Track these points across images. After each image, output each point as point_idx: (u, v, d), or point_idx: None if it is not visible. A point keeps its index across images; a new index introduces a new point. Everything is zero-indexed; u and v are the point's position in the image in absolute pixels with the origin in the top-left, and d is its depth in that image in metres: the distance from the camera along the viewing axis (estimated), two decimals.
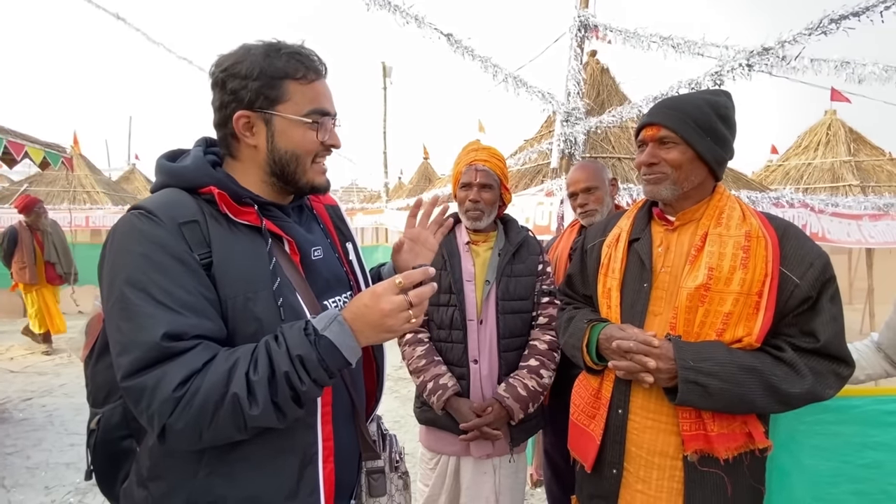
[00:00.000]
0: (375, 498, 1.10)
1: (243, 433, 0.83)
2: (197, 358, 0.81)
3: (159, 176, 0.97)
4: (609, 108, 3.93)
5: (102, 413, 0.98)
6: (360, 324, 0.86)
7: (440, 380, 1.68)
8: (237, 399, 0.79)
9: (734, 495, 1.18)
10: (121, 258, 0.84)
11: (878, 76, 2.96)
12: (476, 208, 1.75)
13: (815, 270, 1.14)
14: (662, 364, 1.15)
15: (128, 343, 0.80)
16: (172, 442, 0.82)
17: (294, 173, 0.98)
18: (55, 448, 3.43)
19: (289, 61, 0.93)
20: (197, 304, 0.84)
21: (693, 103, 1.24)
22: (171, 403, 0.78)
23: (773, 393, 1.11)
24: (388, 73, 11.88)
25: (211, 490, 0.89)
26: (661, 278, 1.27)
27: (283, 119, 0.94)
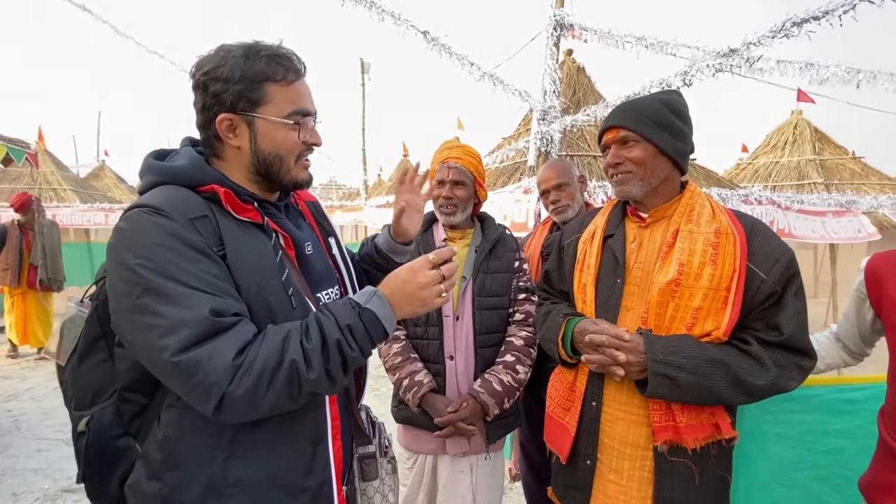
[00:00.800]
0: (368, 482, 1.16)
1: (296, 401, 0.88)
2: (246, 330, 0.86)
3: (150, 175, 0.97)
4: (585, 106, 3.98)
5: (91, 414, 0.98)
6: (398, 297, 0.96)
7: (416, 377, 1.68)
8: (295, 365, 0.84)
9: (701, 483, 1.22)
10: (142, 252, 0.84)
11: (841, 77, 3.07)
12: (449, 204, 1.77)
13: (781, 266, 1.18)
14: (633, 357, 1.18)
15: (174, 323, 0.81)
16: (229, 411, 0.83)
17: (278, 172, 1.01)
18: (22, 454, 3.32)
19: (269, 63, 0.95)
20: (226, 288, 0.88)
21: (647, 103, 1.30)
22: (231, 371, 0.81)
23: (739, 385, 1.15)
24: (366, 69, 11.78)
25: (230, 473, 0.92)
26: (633, 274, 1.30)
27: (265, 121, 0.96)
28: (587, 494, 1.34)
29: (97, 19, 5.80)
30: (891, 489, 1.17)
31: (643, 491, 1.25)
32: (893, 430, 1.19)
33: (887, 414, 1.22)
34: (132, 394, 0.99)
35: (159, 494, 0.93)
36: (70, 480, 2.98)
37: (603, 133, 1.35)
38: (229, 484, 0.92)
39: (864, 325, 1.35)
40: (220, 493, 0.92)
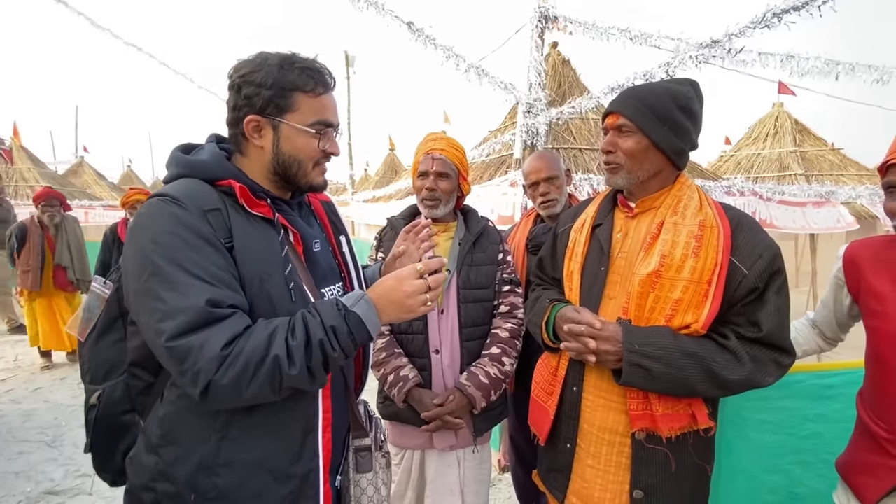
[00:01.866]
0: (362, 474, 1.21)
1: (277, 394, 0.93)
2: (237, 323, 0.91)
3: (175, 167, 1.04)
4: (570, 99, 3.98)
5: (104, 389, 1.06)
6: (384, 302, 1.02)
7: (401, 372, 1.67)
8: (278, 360, 0.89)
9: (678, 471, 1.24)
10: (155, 237, 0.91)
11: (821, 70, 3.12)
12: (432, 196, 1.75)
13: (764, 262, 1.18)
14: (610, 346, 1.19)
15: (172, 309, 0.87)
16: (213, 398, 0.89)
17: (295, 175, 1.08)
18: (2, 457, 3.25)
19: (300, 75, 1.03)
20: (227, 279, 0.93)
21: (653, 92, 1.26)
22: (218, 361, 0.86)
23: (713, 378, 1.16)
24: (351, 62, 11.65)
25: (221, 453, 0.97)
26: (617, 263, 1.31)
27: (289, 126, 1.04)
28: (567, 476, 1.36)
29: (72, 11, 5.65)
30: (867, 468, 1.20)
31: (620, 476, 1.27)
32: (871, 410, 1.22)
33: (866, 396, 1.25)
34: (140, 370, 1.06)
35: (155, 468, 0.98)
36: (52, 483, 2.93)
37: (606, 115, 1.34)
38: (220, 464, 0.97)
39: (842, 311, 1.37)
40: (211, 472, 0.97)
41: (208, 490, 0.96)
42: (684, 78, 1.35)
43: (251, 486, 0.99)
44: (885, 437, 1.16)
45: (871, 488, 1.18)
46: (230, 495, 0.97)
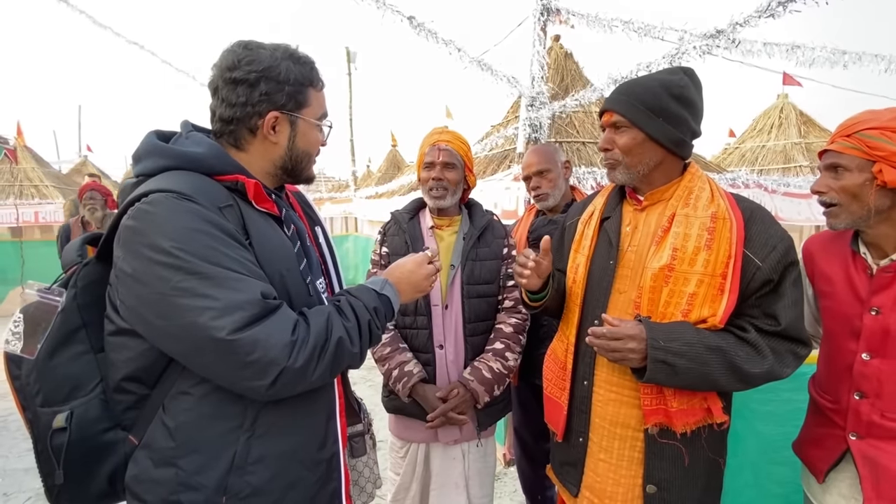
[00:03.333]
0: (357, 458, 1.27)
1: (334, 375, 0.99)
2: (290, 311, 0.93)
3: (159, 158, 0.96)
4: (573, 92, 3.96)
5: (72, 409, 0.94)
6: (403, 285, 1.14)
7: (405, 367, 1.67)
8: (342, 341, 0.95)
9: (690, 465, 1.23)
10: (179, 236, 0.85)
11: (827, 59, 3.08)
12: (439, 186, 1.73)
13: (778, 253, 1.17)
14: (635, 344, 1.14)
15: (228, 305, 0.84)
16: (283, 384, 0.89)
17: (304, 169, 1.11)
18: (12, 454, 3.28)
19: (311, 70, 1.06)
20: (261, 273, 0.94)
21: (645, 86, 1.25)
22: (290, 347, 0.88)
23: (735, 372, 1.15)
24: (352, 58, 11.62)
25: (252, 451, 0.96)
26: (627, 257, 1.30)
27: (305, 122, 1.06)
28: (580, 471, 1.36)
29: (74, 10, 5.65)
30: (817, 441, 1.32)
31: (633, 470, 1.26)
32: (819, 386, 1.34)
33: (816, 376, 1.38)
34: (132, 384, 0.96)
35: (175, 480, 0.93)
36: None
37: (602, 114, 1.34)
38: (252, 461, 0.96)
39: (811, 302, 1.40)
40: (244, 471, 0.95)
41: (241, 489, 0.95)
42: (677, 66, 1.34)
43: (285, 478, 0.99)
44: (830, 407, 1.27)
45: (821, 459, 1.28)
46: (264, 490, 0.97)
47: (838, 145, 1.20)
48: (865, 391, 1.19)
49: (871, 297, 1.19)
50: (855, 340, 1.21)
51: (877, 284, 1.18)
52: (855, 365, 1.20)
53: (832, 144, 1.22)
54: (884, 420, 1.16)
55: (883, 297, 1.17)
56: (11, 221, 7.41)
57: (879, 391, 1.17)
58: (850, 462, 1.21)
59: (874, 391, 1.17)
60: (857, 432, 1.20)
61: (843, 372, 1.23)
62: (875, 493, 1.14)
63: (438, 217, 1.81)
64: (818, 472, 1.29)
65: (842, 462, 1.23)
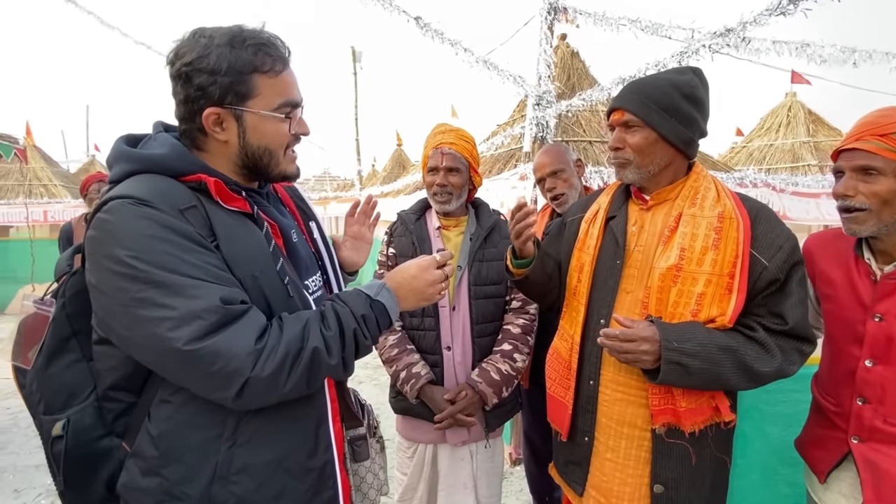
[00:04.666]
0: (359, 462, 1.21)
1: (312, 386, 0.91)
2: (258, 316, 0.87)
3: (124, 163, 0.91)
4: (579, 91, 3.95)
5: (68, 417, 0.93)
6: (404, 291, 1.03)
7: (413, 368, 1.67)
8: (317, 352, 0.88)
9: (698, 465, 1.23)
10: (133, 244, 0.81)
11: (837, 58, 3.05)
12: (443, 192, 1.72)
13: (784, 253, 1.17)
14: (649, 346, 1.14)
15: (185, 314, 0.80)
16: (250, 395, 0.84)
17: (267, 166, 0.98)
18: (22, 451, 3.32)
19: (256, 53, 0.91)
20: (228, 277, 0.88)
21: (656, 85, 1.25)
22: (254, 356, 0.82)
23: (746, 372, 1.15)
24: (357, 57, 11.62)
25: (235, 461, 0.92)
26: (633, 257, 1.29)
27: (253, 115, 0.93)
28: (585, 470, 1.36)
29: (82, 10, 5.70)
30: (819, 441, 1.31)
31: (640, 470, 1.26)
32: (822, 388, 1.32)
33: (819, 376, 1.36)
34: (118, 392, 0.95)
35: (160, 489, 0.91)
36: None
37: (611, 112, 1.33)
38: (235, 471, 0.92)
39: (814, 301, 1.39)
40: (227, 481, 0.92)
41: (226, 499, 0.92)
42: (686, 66, 1.34)
43: (271, 488, 0.94)
44: (833, 410, 1.26)
45: (823, 460, 1.27)
46: (249, 500, 0.93)
47: (872, 145, 1.10)
48: (868, 397, 1.18)
49: (874, 304, 1.17)
50: (858, 346, 1.19)
51: (881, 291, 1.17)
52: (858, 371, 1.19)
53: (860, 143, 1.12)
54: (886, 425, 1.15)
55: (887, 303, 1.15)
56: (21, 221, 7.48)
57: (882, 397, 1.16)
58: (851, 463, 1.21)
59: (877, 397, 1.16)
60: (860, 436, 1.19)
61: (846, 377, 1.22)
62: (876, 496, 1.13)
63: (445, 218, 1.80)
64: (819, 473, 1.29)
65: (843, 462, 1.23)
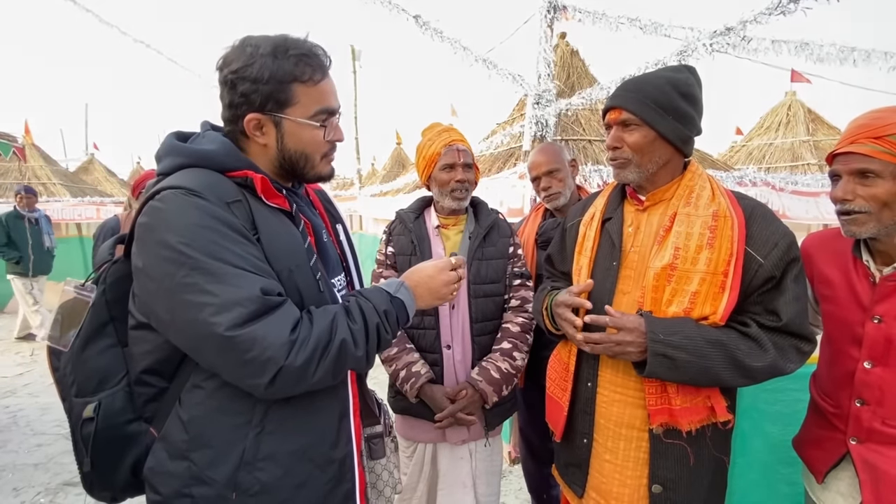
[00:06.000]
0: (376, 460, 1.23)
1: (337, 377, 0.95)
2: (293, 309, 0.91)
3: (175, 156, 0.97)
4: (579, 90, 3.95)
5: (99, 400, 0.98)
6: (421, 289, 1.08)
7: (413, 367, 1.67)
8: (345, 344, 0.92)
9: (696, 465, 1.23)
10: (185, 232, 0.86)
11: (836, 57, 3.05)
12: (463, 188, 1.73)
13: (780, 250, 1.16)
14: (633, 337, 1.16)
15: (227, 301, 0.84)
16: (281, 384, 0.88)
17: (303, 169, 1.05)
18: (22, 449, 3.32)
19: (297, 64, 0.96)
20: (268, 269, 0.92)
21: (653, 84, 1.24)
22: (288, 346, 0.86)
23: (738, 367, 1.15)
24: (357, 56, 11.61)
25: (262, 448, 0.95)
26: (630, 258, 1.29)
27: (291, 122, 0.99)
28: (585, 472, 1.36)
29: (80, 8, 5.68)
30: (817, 442, 1.32)
31: (638, 471, 1.26)
32: (821, 389, 1.32)
33: (817, 376, 1.36)
34: (151, 376, 0.99)
35: (188, 473, 0.94)
36: (71, 474, 2.98)
37: (606, 111, 1.32)
38: (262, 458, 0.95)
39: (812, 302, 1.39)
40: (253, 468, 0.95)
41: (251, 486, 0.94)
42: (680, 65, 1.33)
43: (295, 477, 0.98)
44: (831, 411, 1.26)
45: (821, 461, 1.28)
46: (273, 488, 0.95)
47: (868, 148, 1.10)
48: (867, 399, 1.18)
49: (873, 306, 1.17)
50: (856, 348, 1.19)
51: (880, 293, 1.16)
52: (857, 373, 1.19)
53: (856, 146, 1.12)
54: (885, 427, 1.15)
55: (886, 305, 1.15)
56: None
57: (881, 399, 1.16)
58: (849, 462, 1.21)
59: (876, 399, 1.16)
60: (858, 437, 1.19)
61: (845, 378, 1.22)
62: (874, 497, 1.13)
63: (445, 216, 1.81)
64: (817, 473, 1.29)
65: (841, 462, 1.23)
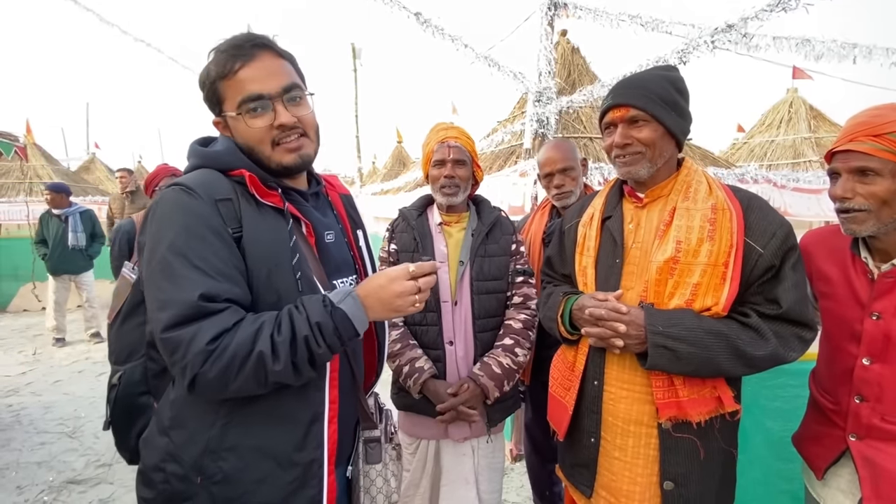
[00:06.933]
0: (371, 465, 1.22)
1: (263, 387, 0.93)
2: (227, 318, 0.91)
3: (193, 158, 1.05)
4: (580, 87, 3.95)
5: (124, 370, 1.13)
6: (371, 300, 1.00)
7: (416, 363, 1.68)
8: (262, 356, 0.90)
9: (706, 458, 1.23)
10: (165, 227, 0.93)
11: (837, 53, 3.05)
12: (452, 184, 1.74)
13: (778, 240, 1.18)
14: (633, 330, 1.18)
15: (168, 300, 0.89)
16: (201, 390, 0.90)
17: (259, 161, 1.05)
18: (25, 448, 3.33)
19: (216, 61, 1.00)
20: (229, 271, 0.94)
21: (654, 81, 1.26)
22: (204, 355, 0.87)
23: (739, 356, 1.16)
24: (357, 54, 11.60)
25: (226, 438, 0.98)
26: (632, 254, 1.30)
27: (229, 118, 1.03)
28: (593, 471, 1.36)
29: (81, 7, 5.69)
30: (815, 437, 1.32)
31: (649, 468, 1.26)
32: (820, 385, 1.33)
33: (817, 373, 1.36)
34: (156, 353, 1.08)
35: (165, 449, 1.00)
36: (74, 472, 3.00)
37: (607, 110, 1.31)
38: (225, 448, 0.98)
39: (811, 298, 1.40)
40: (217, 456, 0.97)
41: (214, 473, 0.97)
42: (668, 64, 1.37)
43: (255, 472, 0.99)
44: (831, 408, 1.26)
45: (820, 457, 1.28)
46: (235, 479, 0.97)
47: (867, 146, 1.11)
48: (866, 395, 1.18)
49: (872, 302, 1.17)
50: (855, 344, 1.20)
51: (878, 290, 1.17)
52: (856, 369, 1.20)
53: (855, 144, 1.13)
54: (884, 423, 1.15)
55: (884, 302, 1.16)
56: (23, 219, 7.48)
57: (880, 396, 1.16)
58: (849, 459, 1.21)
59: (875, 395, 1.17)
60: (857, 434, 1.20)
61: (844, 375, 1.23)
62: (874, 493, 1.14)
63: (447, 214, 1.81)
64: (817, 469, 1.29)
65: (841, 459, 1.24)
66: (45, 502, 2.72)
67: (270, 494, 0.99)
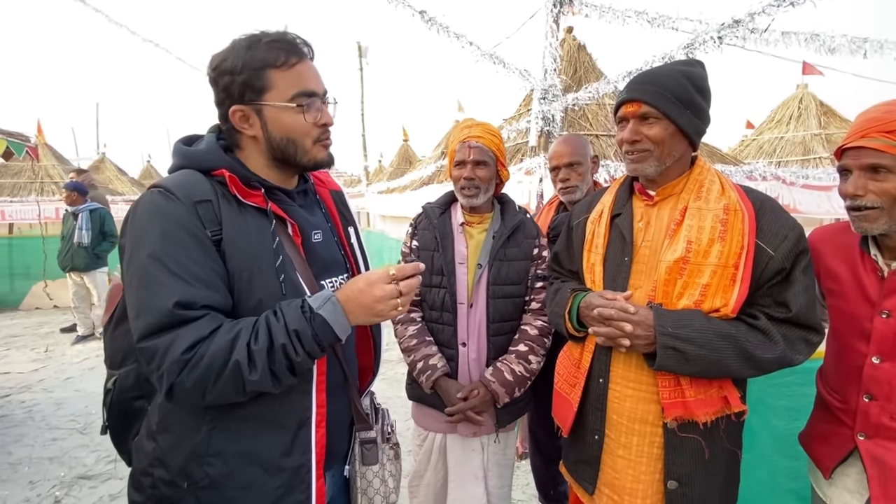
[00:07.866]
0: (368, 466, 1.21)
1: (242, 396, 0.92)
2: (204, 326, 0.89)
3: (176, 158, 1.03)
4: (586, 84, 3.93)
5: (118, 375, 1.09)
6: (352, 305, 0.96)
7: (430, 360, 1.68)
8: (238, 365, 0.88)
9: (711, 458, 1.23)
10: (142, 232, 0.91)
11: (848, 48, 3.01)
12: (471, 185, 1.69)
13: (789, 243, 1.17)
14: (641, 331, 1.17)
15: (143, 308, 0.88)
16: (179, 399, 0.90)
17: (294, 156, 1.04)
18: (37, 443, 3.38)
19: (269, 50, 0.98)
20: (207, 277, 0.92)
21: (671, 77, 1.23)
22: (180, 365, 0.86)
23: (747, 358, 1.15)
24: (363, 53, 11.63)
25: (212, 444, 0.97)
26: (641, 252, 1.29)
27: (271, 107, 1.00)
28: (596, 468, 1.36)
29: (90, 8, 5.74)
30: (823, 436, 1.31)
31: (652, 466, 1.26)
32: (827, 384, 1.32)
33: (824, 371, 1.35)
34: None
35: (153, 454, 1.00)
36: (86, 468, 3.04)
37: (620, 104, 1.30)
38: (211, 453, 0.97)
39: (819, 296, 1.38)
40: (203, 461, 0.97)
41: (200, 479, 0.96)
42: (691, 59, 1.33)
43: (241, 478, 0.98)
44: (839, 407, 1.25)
45: (828, 456, 1.27)
46: (221, 485, 0.97)
47: (880, 143, 1.08)
48: (875, 394, 1.17)
49: (881, 300, 1.16)
50: (864, 342, 1.19)
51: (888, 287, 1.16)
52: (865, 368, 1.18)
53: (867, 140, 1.11)
54: (894, 422, 1.14)
55: (894, 300, 1.14)
56: (34, 218, 7.58)
57: (890, 394, 1.15)
58: (857, 458, 1.20)
59: (884, 394, 1.16)
60: (866, 433, 1.18)
61: (852, 373, 1.21)
62: (883, 493, 1.12)
63: (470, 214, 1.78)
64: (824, 469, 1.28)
65: (849, 458, 1.22)
66: (56, 497, 2.76)
67: (257, 500, 0.98)
